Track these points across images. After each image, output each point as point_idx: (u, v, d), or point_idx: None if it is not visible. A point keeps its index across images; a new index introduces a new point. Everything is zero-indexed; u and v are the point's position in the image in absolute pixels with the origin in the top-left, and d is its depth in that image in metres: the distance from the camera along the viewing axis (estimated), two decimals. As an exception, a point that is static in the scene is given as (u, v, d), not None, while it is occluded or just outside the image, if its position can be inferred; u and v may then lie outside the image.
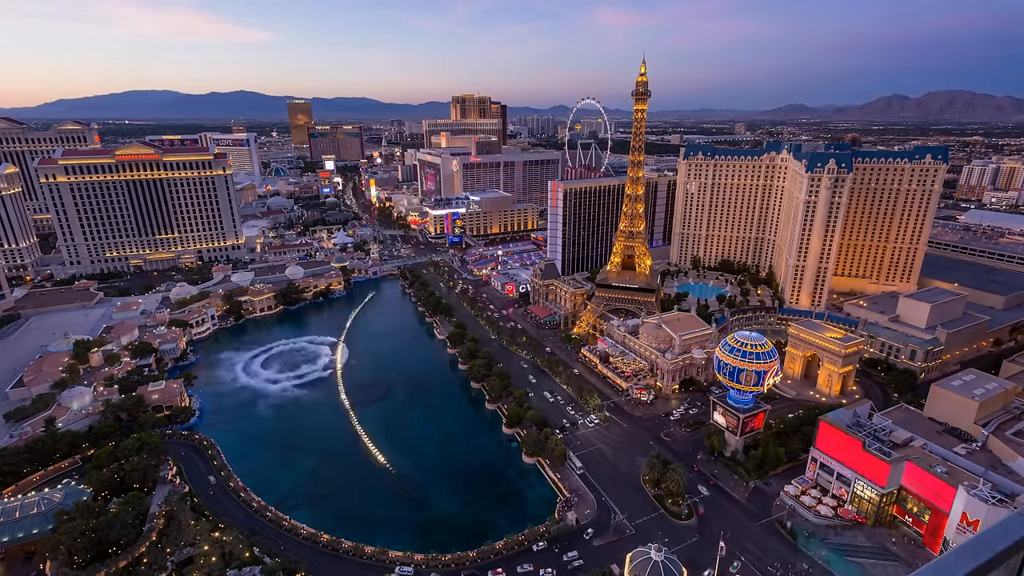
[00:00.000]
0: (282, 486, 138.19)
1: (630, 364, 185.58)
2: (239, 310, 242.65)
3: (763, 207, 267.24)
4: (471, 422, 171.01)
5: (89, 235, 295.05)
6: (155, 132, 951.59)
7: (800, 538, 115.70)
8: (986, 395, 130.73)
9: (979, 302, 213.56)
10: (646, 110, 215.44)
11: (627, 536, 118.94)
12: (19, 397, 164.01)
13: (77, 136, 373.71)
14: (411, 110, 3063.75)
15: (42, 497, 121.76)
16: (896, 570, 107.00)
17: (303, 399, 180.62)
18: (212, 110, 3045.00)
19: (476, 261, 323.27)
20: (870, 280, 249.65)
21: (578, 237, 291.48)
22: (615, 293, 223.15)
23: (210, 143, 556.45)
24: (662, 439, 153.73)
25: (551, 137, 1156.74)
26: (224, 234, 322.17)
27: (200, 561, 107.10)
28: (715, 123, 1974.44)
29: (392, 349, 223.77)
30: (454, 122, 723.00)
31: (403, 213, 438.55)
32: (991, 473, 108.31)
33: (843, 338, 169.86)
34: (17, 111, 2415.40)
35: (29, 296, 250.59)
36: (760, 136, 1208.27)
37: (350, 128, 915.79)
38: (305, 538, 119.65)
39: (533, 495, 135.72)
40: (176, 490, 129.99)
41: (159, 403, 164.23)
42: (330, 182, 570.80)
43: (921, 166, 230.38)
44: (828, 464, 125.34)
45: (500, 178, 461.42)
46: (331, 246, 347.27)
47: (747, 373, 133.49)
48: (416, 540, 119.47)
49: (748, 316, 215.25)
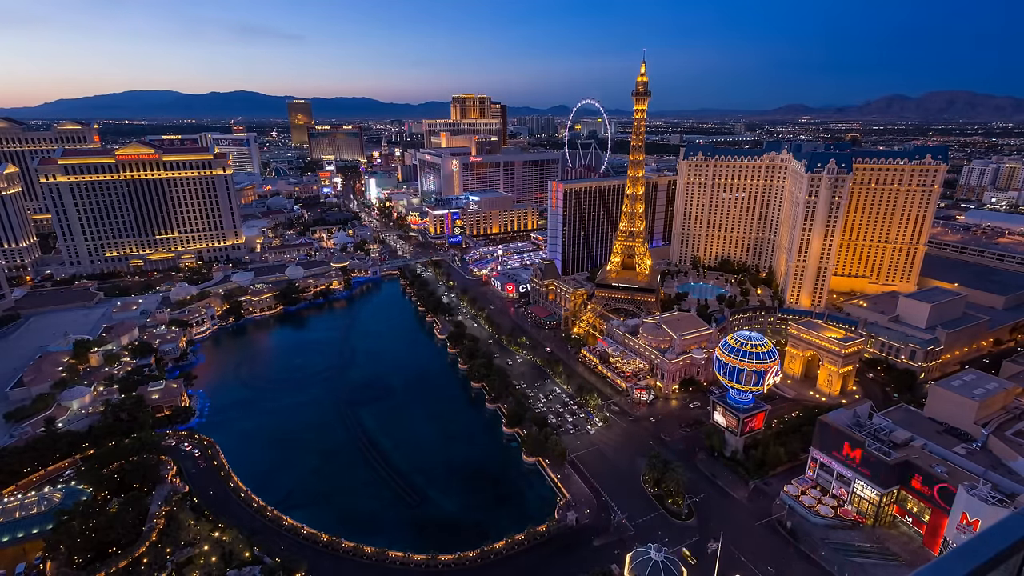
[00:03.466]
0: (282, 486, 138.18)
1: (630, 364, 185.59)
2: (239, 310, 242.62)
3: (763, 207, 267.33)
4: (471, 422, 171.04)
5: (89, 235, 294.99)
6: (155, 132, 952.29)
7: (800, 538, 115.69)
8: (986, 395, 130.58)
9: (979, 302, 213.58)
10: (646, 110, 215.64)
11: (627, 536, 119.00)
12: (19, 397, 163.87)
13: (77, 136, 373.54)
14: (411, 110, 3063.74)
15: (42, 497, 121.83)
16: (896, 570, 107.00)
17: (303, 399, 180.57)
18: (212, 110, 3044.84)
19: (476, 261, 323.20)
20: (870, 280, 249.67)
21: (578, 237, 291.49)
22: (615, 293, 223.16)
23: (210, 143, 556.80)
24: (662, 439, 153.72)
25: (551, 137, 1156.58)
26: (224, 234, 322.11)
27: (200, 561, 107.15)
28: (715, 123, 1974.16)
29: (392, 349, 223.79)
30: (454, 122, 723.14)
31: (403, 213, 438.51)
32: (991, 473, 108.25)
33: (843, 338, 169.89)
34: (17, 111, 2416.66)
35: (29, 296, 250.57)
36: (760, 136, 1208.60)
37: (350, 128, 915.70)
38: (305, 538, 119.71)
39: (533, 495, 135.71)
40: (176, 490, 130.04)
41: (159, 403, 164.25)
42: (330, 182, 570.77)
43: (921, 166, 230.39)
44: (828, 464, 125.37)
45: (500, 178, 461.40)
46: (331, 246, 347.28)
47: (747, 373, 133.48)
48: (416, 540, 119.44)
49: (748, 316, 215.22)
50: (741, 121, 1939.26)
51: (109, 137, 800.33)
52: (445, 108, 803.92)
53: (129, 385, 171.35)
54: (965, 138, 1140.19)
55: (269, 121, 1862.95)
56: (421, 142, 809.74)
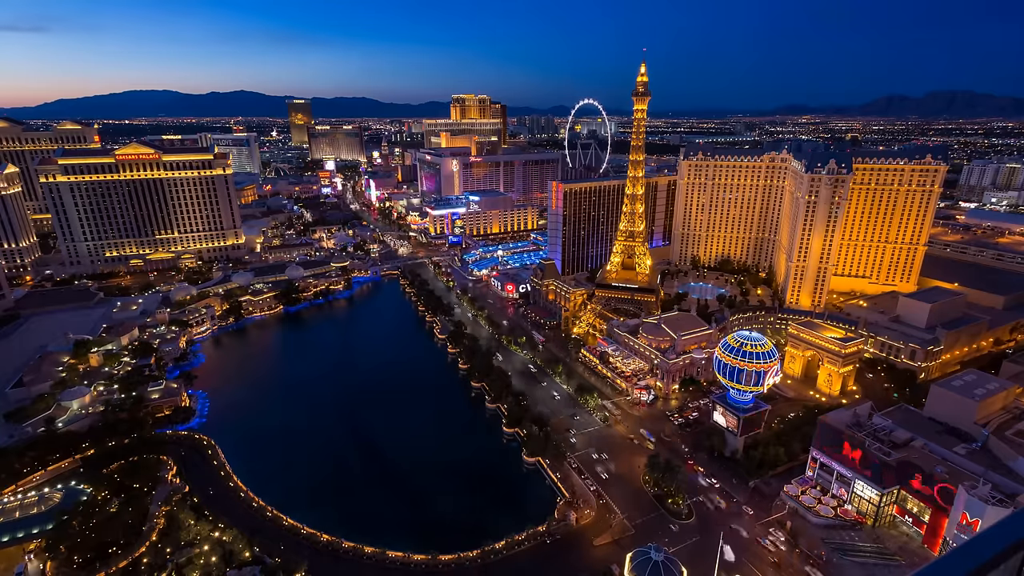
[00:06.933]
0: (282, 486, 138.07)
1: (630, 364, 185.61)
2: (239, 310, 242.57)
3: (763, 207, 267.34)
4: (471, 422, 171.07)
5: (89, 235, 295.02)
6: (155, 132, 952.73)
7: (800, 538, 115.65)
8: (986, 395, 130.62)
9: (979, 302, 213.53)
10: (646, 109, 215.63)
11: (627, 536, 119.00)
12: (19, 397, 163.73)
13: (77, 136, 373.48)
14: (411, 110, 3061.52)
15: (42, 497, 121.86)
16: (896, 570, 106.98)
17: (303, 399, 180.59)
18: (212, 110, 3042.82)
19: (476, 261, 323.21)
20: (870, 280, 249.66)
21: (578, 237, 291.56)
22: (615, 293, 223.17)
23: (210, 143, 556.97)
24: (662, 439, 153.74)
25: (551, 137, 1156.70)
26: (224, 234, 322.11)
27: (200, 561, 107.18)
28: (715, 123, 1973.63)
29: (392, 349, 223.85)
30: (454, 122, 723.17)
31: (403, 213, 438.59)
32: (991, 473, 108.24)
33: (843, 338, 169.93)
34: (17, 111, 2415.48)
35: (29, 296, 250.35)
36: (760, 136, 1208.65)
37: (350, 128, 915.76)
38: (305, 538, 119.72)
39: (533, 495, 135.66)
40: (176, 490, 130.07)
41: (159, 403, 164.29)
42: (330, 182, 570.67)
43: (921, 166, 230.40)
44: (828, 463, 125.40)
45: (500, 178, 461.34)
46: (331, 246, 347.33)
47: (747, 373, 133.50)
48: (416, 540, 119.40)
49: (748, 316, 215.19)
50: (741, 121, 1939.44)
51: (109, 137, 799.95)
52: (445, 108, 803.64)
53: (129, 385, 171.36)
54: (965, 138, 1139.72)
55: (269, 121, 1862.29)
56: (421, 142, 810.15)
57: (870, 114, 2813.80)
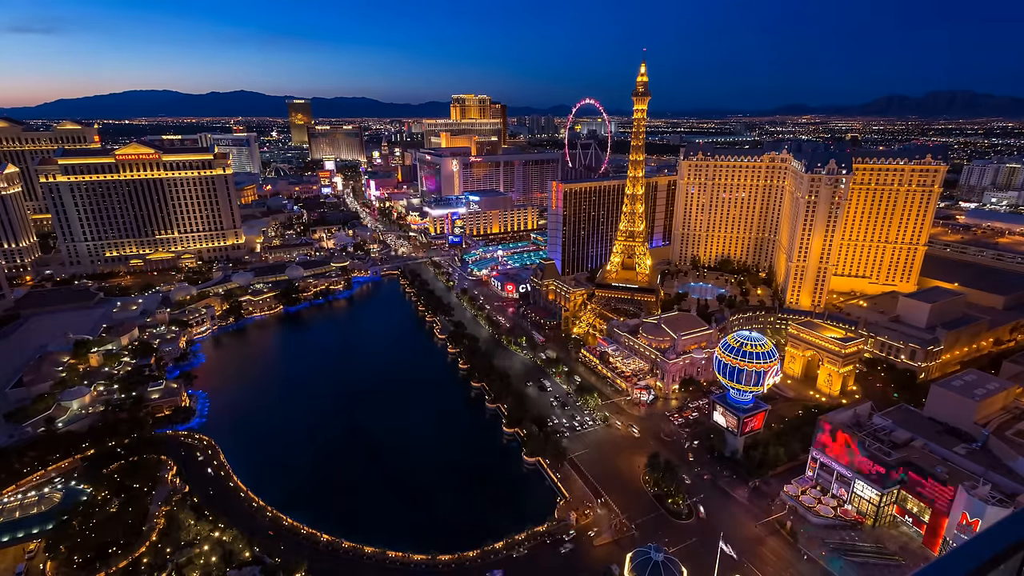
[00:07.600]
0: (282, 486, 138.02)
1: (630, 364, 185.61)
2: (239, 310, 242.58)
3: (763, 207, 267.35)
4: (471, 421, 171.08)
5: (89, 235, 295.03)
6: (155, 132, 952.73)
7: (800, 538, 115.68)
8: (986, 395, 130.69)
9: (979, 302, 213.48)
10: (646, 110, 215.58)
11: (627, 536, 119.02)
12: (19, 397, 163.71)
13: (77, 136, 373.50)
14: (411, 110, 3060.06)
15: (42, 497, 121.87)
16: (896, 570, 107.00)
17: (303, 399, 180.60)
18: (212, 110, 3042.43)
19: (476, 261, 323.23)
20: (870, 280, 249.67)
21: (578, 237, 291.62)
22: (615, 293, 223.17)
23: (210, 143, 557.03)
24: (662, 439, 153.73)
25: (551, 137, 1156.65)
26: (224, 234, 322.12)
27: (200, 561, 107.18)
28: (715, 123, 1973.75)
29: (392, 349, 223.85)
30: (454, 122, 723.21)
31: (403, 213, 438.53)
32: (991, 473, 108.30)
33: (843, 338, 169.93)
34: (17, 111, 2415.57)
35: (29, 296, 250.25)
36: (760, 136, 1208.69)
37: (350, 128, 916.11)
38: (305, 538, 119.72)
39: (533, 495, 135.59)
40: (176, 490, 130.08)
41: (159, 403, 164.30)
42: (330, 182, 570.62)
43: (921, 166, 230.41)
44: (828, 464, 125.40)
45: (500, 178, 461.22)
46: (331, 246, 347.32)
47: (747, 373, 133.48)
48: (416, 540, 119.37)
49: (748, 316, 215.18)
50: (741, 121, 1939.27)
51: (109, 137, 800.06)
52: (445, 108, 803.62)
53: (129, 385, 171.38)
54: (965, 138, 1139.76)
55: (269, 121, 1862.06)
56: (421, 142, 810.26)
57: (870, 114, 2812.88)
